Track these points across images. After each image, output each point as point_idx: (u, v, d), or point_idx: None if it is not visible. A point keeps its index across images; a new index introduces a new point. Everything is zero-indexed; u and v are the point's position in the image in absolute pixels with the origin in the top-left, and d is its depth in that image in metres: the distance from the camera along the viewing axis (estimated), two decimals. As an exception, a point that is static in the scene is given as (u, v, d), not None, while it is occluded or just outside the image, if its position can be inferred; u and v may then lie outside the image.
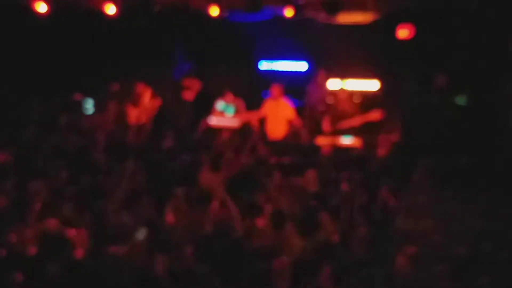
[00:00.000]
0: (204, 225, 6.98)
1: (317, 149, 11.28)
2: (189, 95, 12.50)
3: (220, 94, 12.31)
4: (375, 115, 11.10)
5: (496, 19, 10.10)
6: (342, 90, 11.72)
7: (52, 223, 6.72)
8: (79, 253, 6.24)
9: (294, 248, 6.50)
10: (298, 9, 11.05)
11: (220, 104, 12.25)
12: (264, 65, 14.44)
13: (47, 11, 11.01)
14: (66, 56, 12.24)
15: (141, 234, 6.71)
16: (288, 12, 11.21)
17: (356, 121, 11.26)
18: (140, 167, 8.88)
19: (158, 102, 12.35)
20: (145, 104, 12.30)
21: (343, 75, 13.45)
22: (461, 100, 11.67)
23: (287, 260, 6.09)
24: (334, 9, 10.68)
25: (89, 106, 12.64)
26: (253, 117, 11.87)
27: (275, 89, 11.90)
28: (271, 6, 11.53)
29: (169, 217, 7.23)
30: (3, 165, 9.03)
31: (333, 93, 12.60)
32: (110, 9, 11.34)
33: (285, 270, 5.89)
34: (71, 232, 6.57)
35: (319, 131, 12.33)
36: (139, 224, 6.82)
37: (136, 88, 12.36)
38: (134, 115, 12.29)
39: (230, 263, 6.06)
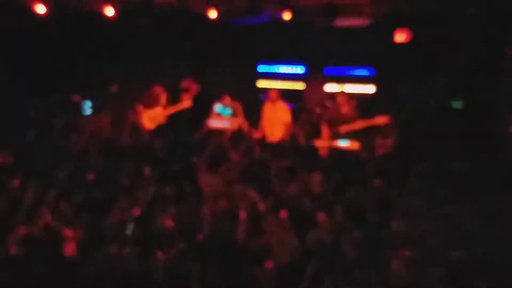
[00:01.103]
0: (200, 226, 6.93)
1: (315, 151, 11.27)
2: (187, 97, 12.45)
3: (218, 97, 12.31)
4: (380, 119, 11.06)
5: (492, 22, 10.09)
6: (341, 93, 11.67)
7: (46, 222, 6.67)
8: (69, 251, 6.19)
9: (289, 248, 6.46)
10: (296, 12, 11.03)
11: (217, 107, 12.25)
12: (263, 68, 14.53)
13: (46, 12, 10.97)
14: (65, 57, 12.18)
15: (130, 229, 6.70)
16: (286, 15, 11.20)
17: (360, 124, 11.22)
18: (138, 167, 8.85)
19: (187, 104, 12.33)
20: (161, 107, 12.28)
21: (340, 78, 13.51)
22: (458, 103, 11.67)
23: (281, 261, 6.07)
24: (332, 13, 10.67)
25: (88, 107, 12.59)
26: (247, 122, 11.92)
27: (273, 92, 11.90)
28: (270, 10, 11.52)
29: (164, 217, 7.17)
30: (3, 165, 8.99)
31: (332, 97, 12.62)
32: (109, 11, 11.33)
33: (276, 271, 5.86)
34: (67, 232, 6.52)
35: (316, 134, 12.33)
36: (129, 221, 6.79)
37: (152, 90, 12.33)
38: (148, 117, 12.26)
39: (225, 264, 6.02)
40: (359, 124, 11.12)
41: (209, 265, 6.01)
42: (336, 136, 11.42)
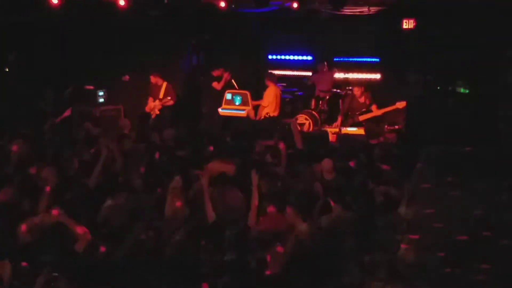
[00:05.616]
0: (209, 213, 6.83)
1: (324, 136, 11.24)
2: (217, 85, 12.49)
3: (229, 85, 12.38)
4: (401, 104, 11.07)
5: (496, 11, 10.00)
6: (357, 85, 11.69)
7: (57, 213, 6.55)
8: (79, 246, 6.09)
9: (298, 233, 6.39)
10: (304, 1, 10.96)
11: (228, 94, 12.25)
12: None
13: (58, 3, 10.91)
14: (78, 47, 12.12)
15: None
16: (295, 4, 11.15)
17: (380, 111, 11.27)
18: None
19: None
20: (160, 96, 12.26)
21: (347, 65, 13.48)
22: (463, 88, 11.59)
23: (289, 246, 6.01)
24: (340, 2, 10.60)
25: (101, 96, 12.54)
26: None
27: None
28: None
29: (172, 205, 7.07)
30: (17, 155, 8.93)
31: (342, 85, 12.69)
32: (121, 1, 11.28)
33: (285, 256, 5.78)
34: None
35: (325, 120, 12.32)
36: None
37: (152, 79, 12.28)
38: (149, 106, 12.25)
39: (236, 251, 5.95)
40: (379, 111, 11.17)
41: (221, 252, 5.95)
42: (344, 122, 11.43)
